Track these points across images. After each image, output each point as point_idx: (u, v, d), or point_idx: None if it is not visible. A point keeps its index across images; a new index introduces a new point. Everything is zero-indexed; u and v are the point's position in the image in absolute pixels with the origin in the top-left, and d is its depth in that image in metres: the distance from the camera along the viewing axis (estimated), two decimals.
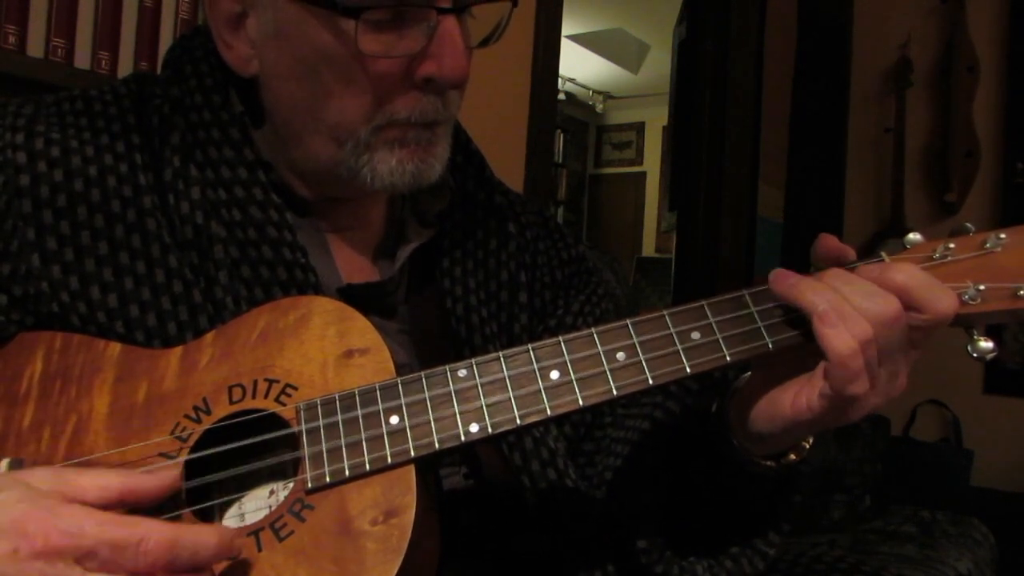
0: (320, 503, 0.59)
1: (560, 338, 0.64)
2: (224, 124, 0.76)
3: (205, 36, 0.78)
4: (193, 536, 0.52)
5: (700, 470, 0.76)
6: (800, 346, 0.63)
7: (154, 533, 0.51)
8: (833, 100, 3.53)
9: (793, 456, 0.71)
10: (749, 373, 0.71)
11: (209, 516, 0.63)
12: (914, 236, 0.66)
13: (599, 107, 7.90)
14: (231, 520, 0.64)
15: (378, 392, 0.63)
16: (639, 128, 7.99)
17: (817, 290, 0.61)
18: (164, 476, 0.57)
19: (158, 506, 0.57)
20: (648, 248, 7.60)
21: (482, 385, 0.63)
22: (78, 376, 0.66)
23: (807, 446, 0.72)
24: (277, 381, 0.64)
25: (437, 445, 0.61)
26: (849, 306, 0.60)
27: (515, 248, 0.89)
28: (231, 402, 0.64)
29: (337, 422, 0.62)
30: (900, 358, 0.63)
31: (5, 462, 0.61)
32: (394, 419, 0.62)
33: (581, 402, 0.62)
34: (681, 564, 0.76)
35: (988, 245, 0.63)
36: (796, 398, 0.64)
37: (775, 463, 0.71)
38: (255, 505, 0.65)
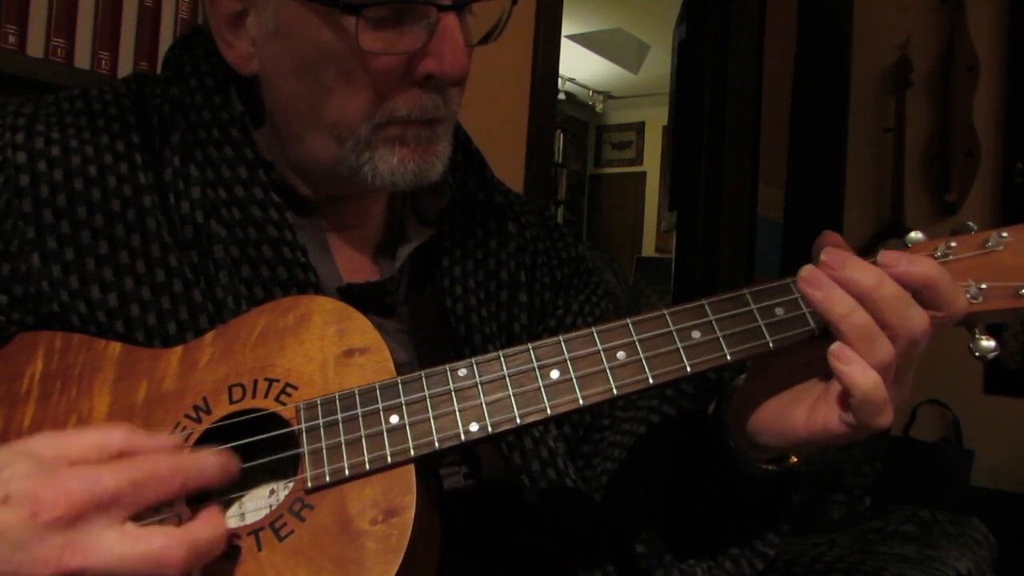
0: (320, 502, 0.59)
1: (560, 337, 0.64)
2: (224, 123, 0.76)
3: (205, 36, 0.78)
4: (194, 457, 0.55)
5: (698, 473, 0.76)
6: (801, 345, 0.63)
7: (162, 461, 0.53)
8: (833, 100, 3.54)
9: (794, 459, 0.71)
10: (744, 375, 0.70)
11: None
12: (916, 235, 0.66)
13: (599, 107, 7.90)
14: (231, 519, 0.64)
15: (378, 391, 0.63)
16: (639, 128, 8.00)
17: (848, 305, 0.58)
18: (164, 438, 0.57)
19: (157, 506, 0.57)
20: (648, 248, 7.60)
21: (482, 384, 0.63)
22: (78, 376, 0.66)
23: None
24: (277, 380, 0.64)
25: (437, 444, 0.61)
26: (878, 330, 0.58)
27: (515, 248, 0.89)
28: (231, 401, 0.64)
29: (337, 421, 0.62)
30: (912, 367, 0.62)
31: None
32: (394, 418, 0.62)
33: (581, 401, 0.62)
34: (681, 567, 0.76)
35: (990, 244, 0.63)
36: (811, 418, 0.62)
37: (776, 466, 0.71)
38: (255, 504, 0.64)
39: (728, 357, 0.63)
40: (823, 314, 0.60)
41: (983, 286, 0.62)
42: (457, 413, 0.62)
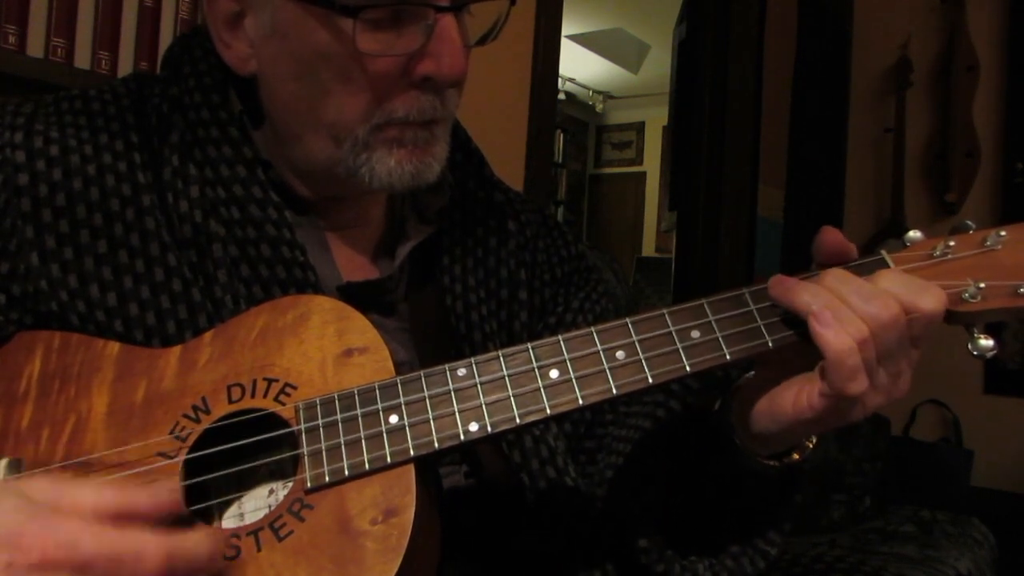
0: (319, 502, 0.59)
1: (559, 336, 0.64)
2: (223, 123, 0.76)
3: (204, 36, 0.78)
4: (188, 546, 0.52)
5: (702, 469, 0.76)
6: (801, 344, 0.63)
7: (150, 546, 0.50)
8: (833, 100, 3.53)
9: (796, 455, 0.71)
10: (752, 372, 0.71)
11: (208, 516, 0.63)
12: (914, 234, 0.66)
13: (599, 107, 7.90)
14: (231, 520, 0.64)
15: (377, 391, 0.63)
16: (639, 128, 8.00)
17: (812, 291, 0.62)
18: (163, 494, 0.55)
19: None
20: (648, 248, 7.60)
21: (481, 384, 0.63)
22: (77, 375, 0.66)
23: (810, 445, 0.71)
24: (276, 380, 0.64)
25: (436, 444, 0.61)
26: (846, 307, 0.60)
27: (515, 246, 0.89)
28: (230, 401, 0.64)
29: (336, 421, 0.62)
30: (902, 359, 0.62)
31: (4, 462, 0.61)
32: (393, 418, 0.62)
33: (580, 401, 0.62)
34: (682, 563, 0.76)
35: (988, 243, 0.63)
36: (797, 397, 0.64)
37: (778, 462, 0.71)
38: (255, 505, 0.64)
39: (727, 357, 0.63)
40: (792, 307, 0.62)
41: (981, 285, 0.62)
42: (456, 413, 0.62)
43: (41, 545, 0.48)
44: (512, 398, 0.62)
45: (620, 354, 0.63)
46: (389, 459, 0.60)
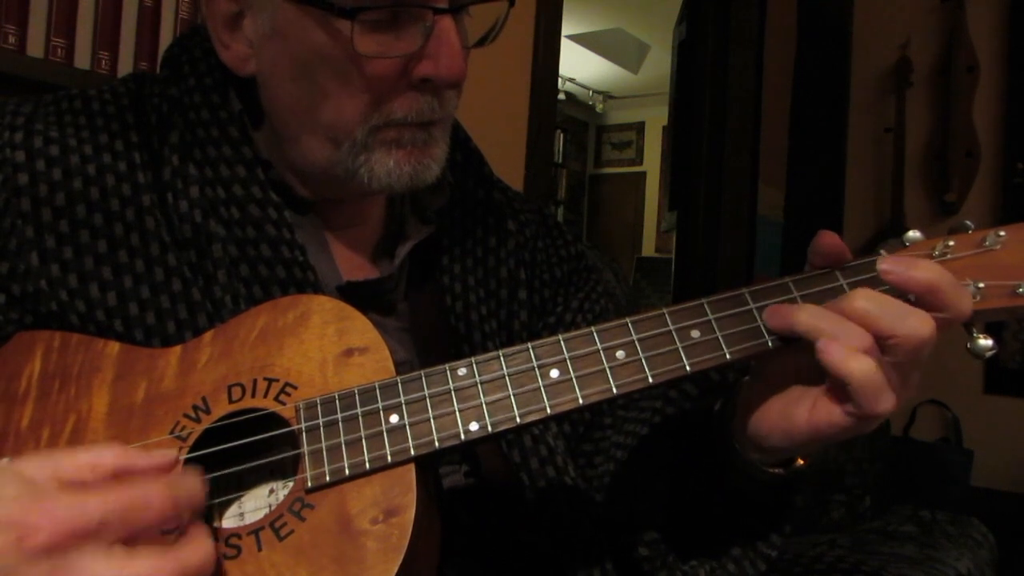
0: (320, 502, 0.59)
1: (559, 336, 0.64)
2: (223, 123, 0.76)
3: (203, 36, 0.78)
4: (188, 482, 0.54)
5: (701, 475, 0.75)
6: (801, 344, 0.63)
7: (153, 488, 0.51)
8: (833, 100, 3.53)
9: (800, 462, 0.70)
10: (747, 377, 0.70)
11: (208, 515, 0.63)
12: (914, 234, 0.66)
13: (599, 107, 7.90)
14: (231, 520, 0.64)
15: (377, 391, 0.63)
16: (639, 128, 8.00)
17: (811, 312, 0.60)
18: (160, 454, 0.55)
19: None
20: (648, 248, 7.60)
21: (482, 383, 0.63)
22: (77, 375, 0.66)
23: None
24: (276, 380, 0.64)
25: (437, 444, 0.61)
26: (843, 319, 0.59)
27: (514, 245, 0.89)
28: (230, 401, 0.64)
29: (336, 421, 0.62)
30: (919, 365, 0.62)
31: (4, 462, 0.61)
32: (394, 417, 0.62)
33: (581, 400, 0.62)
34: (684, 569, 0.76)
35: (987, 243, 0.63)
36: (814, 413, 0.62)
37: (782, 470, 0.70)
38: (255, 504, 0.64)
39: (728, 356, 0.63)
40: (794, 334, 0.61)
41: (981, 285, 0.62)
42: (457, 413, 0.62)
43: (50, 520, 0.47)
44: (512, 397, 0.62)
45: (620, 353, 0.63)
46: (390, 459, 0.60)
